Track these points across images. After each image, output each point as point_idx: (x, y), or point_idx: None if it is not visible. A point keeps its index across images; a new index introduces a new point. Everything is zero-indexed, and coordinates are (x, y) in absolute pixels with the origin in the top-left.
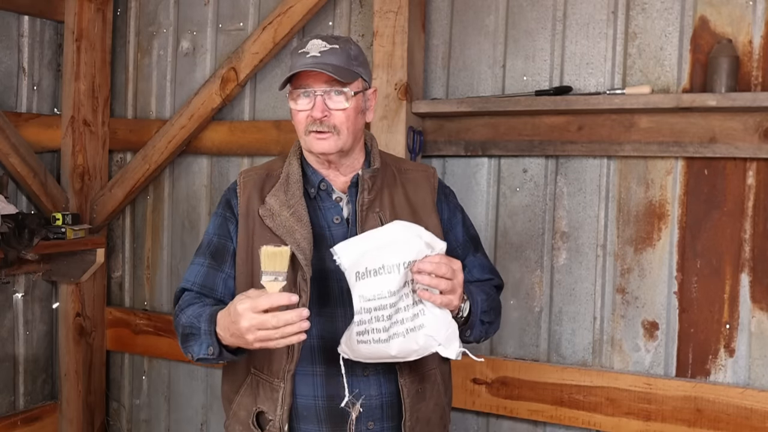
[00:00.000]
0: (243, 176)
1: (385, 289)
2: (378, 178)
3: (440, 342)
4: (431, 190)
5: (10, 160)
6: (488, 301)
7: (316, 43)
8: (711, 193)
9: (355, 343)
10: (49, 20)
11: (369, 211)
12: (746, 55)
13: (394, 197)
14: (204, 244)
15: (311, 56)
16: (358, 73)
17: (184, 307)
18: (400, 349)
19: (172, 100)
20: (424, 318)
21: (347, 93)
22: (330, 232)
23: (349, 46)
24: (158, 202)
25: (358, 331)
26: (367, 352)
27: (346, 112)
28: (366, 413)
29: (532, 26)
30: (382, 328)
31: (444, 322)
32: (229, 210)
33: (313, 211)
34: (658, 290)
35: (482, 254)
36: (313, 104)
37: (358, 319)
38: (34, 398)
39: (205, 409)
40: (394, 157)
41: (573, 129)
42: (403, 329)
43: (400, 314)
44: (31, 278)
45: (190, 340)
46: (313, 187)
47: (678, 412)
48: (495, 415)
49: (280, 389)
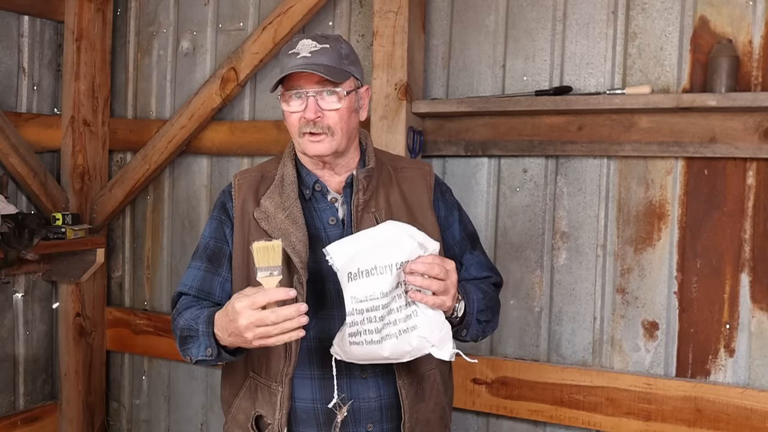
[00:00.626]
0: (238, 179)
1: (377, 290)
2: (373, 177)
3: (433, 343)
4: (427, 188)
5: (10, 160)
6: (485, 300)
7: (306, 43)
8: (711, 193)
9: (348, 345)
10: (49, 20)
11: (364, 212)
12: (746, 55)
13: (390, 197)
14: (200, 247)
15: (302, 57)
16: (349, 72)
17: (181, 311)
18: (393, 351)
19: (172, 100)
20: (417, 319)
21: (339, 93)
22: (326, 233)
23: (340, 44)
24: (158, 202)
25: (350, 332)
26: (359, 353)
27: (339, 113)
28: (365, 415)
29: (532, 26)
30: (375, 329)
31: (437, 323)
32: (224, 213)
33: (308, 212)
34: (658, 290)
35: (480, 251)
36: (305, 105)
37: (350, 320)
38: (34, 398)
39: (205, 409)
40: (390, 154)
41: (573, 129)
42: (395, 330)
43: (392, 315)
44: (31, 278)
45: (188, 343)
46: (308, 188)
47: (678, 412)
48: (495, 415)
49: (278, 393)
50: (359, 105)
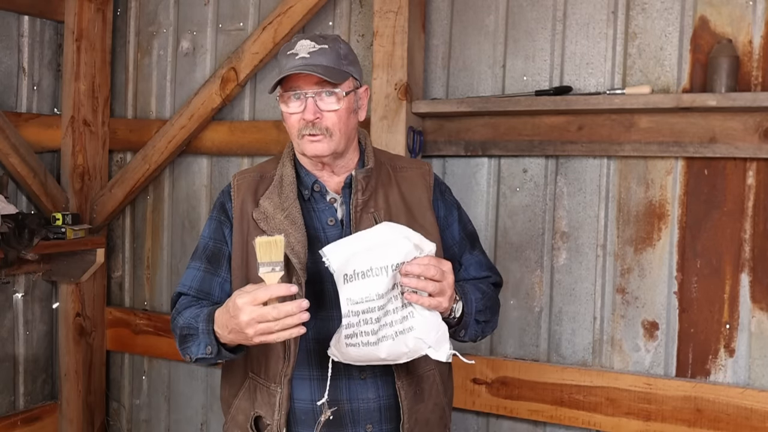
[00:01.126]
0: (237, 179)
1: (372, 291)
2: (372, 177)
3: (430, 344)
4: (427, 188)
5: (10, 160)
6: (483, 300)
7: (305, 43)
8: (711, 193)
9: (344, 346)
10: (49, 20)
11: (363, 212)
12: (746, 55)
13: (389, 197)
14: (200, 248)
15: (300, 57)
16: (348, 72)
17: (181, 310)
18: (390, 352)
19: (172, 100)
20: (414, 320)
21: (338, 93)
22: (324, 234)
23: (338, 45)
24: (158, 202)
25: (347, 334)
26: (356, 354)
27: (338, 113)
28: (364, 416)
29: (532, 26)
30: (371, 330)
31: (434, 325)
32: (223, 214)
33: (307, 213)
34: (658, 290)
35: (479, 251)
36: (304, 106)
37: (346, 322)
38: (34, 398)
39: (205, 409)
40: (389, 154)
41: (573, 129)
42: (392, 332)
43: (389, 317)
44: (31, 278)
45: (187, 341)
46: (307, 188)
47: (678, 412)
48: (495, 415)
49: (277, 394)
50: (358, 105)
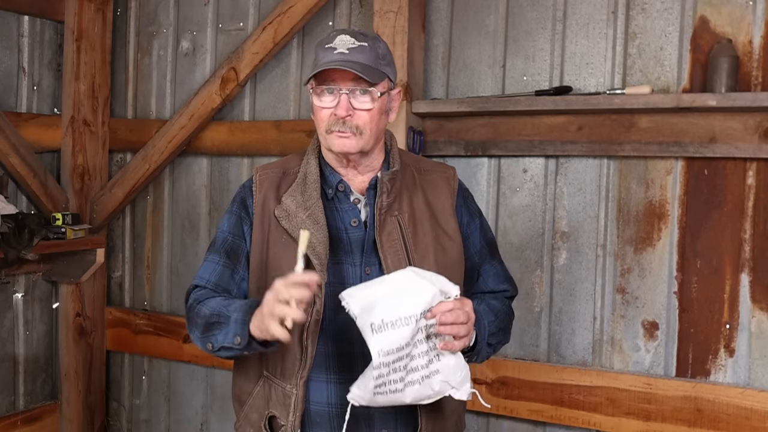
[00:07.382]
0: (259, 174)
1: (402, 341)
2: (397, 180)
3: (454, 385)
4: (451, 193)
5: (10, 160)
6: (496, 323)
7: (345, 39)
8: (711, 193)
9: (372, 395)
10: (49, 20)
11: (387, 215)
12: (746, 55)
13: (413, 200)
14: (218, 241)
15: (339, 53)
16: (385, 73)
17: (202, 300)
18: (415, 396)
19: (172, 100)
20: (439, 364)
21: (373, 93)
22: (347, 234)
23: (378, 44)
24: (158, 202)
25: (377, 384)
26: (382, 400)
27: (370, 113)
28: (379, 421)
29: (532, 26)
30: (399, 378)
31: (459, 366)
32: (243, 209)
33: (330, 212)
34: (658, 290)
35: (498, 261)
36: (337, 102)
37: (377, 373)
38: (34, 398)
39: (205, 409)
40: (414, 156)
41: (573, 129)
42: (418, 377)
43: (414, 362)
44: (31, 278)
45: (213, 329)
46: (331, 187)
47: (678, 412)
48: (495, 415)
49: (292, 395)
50: (390, 107)
